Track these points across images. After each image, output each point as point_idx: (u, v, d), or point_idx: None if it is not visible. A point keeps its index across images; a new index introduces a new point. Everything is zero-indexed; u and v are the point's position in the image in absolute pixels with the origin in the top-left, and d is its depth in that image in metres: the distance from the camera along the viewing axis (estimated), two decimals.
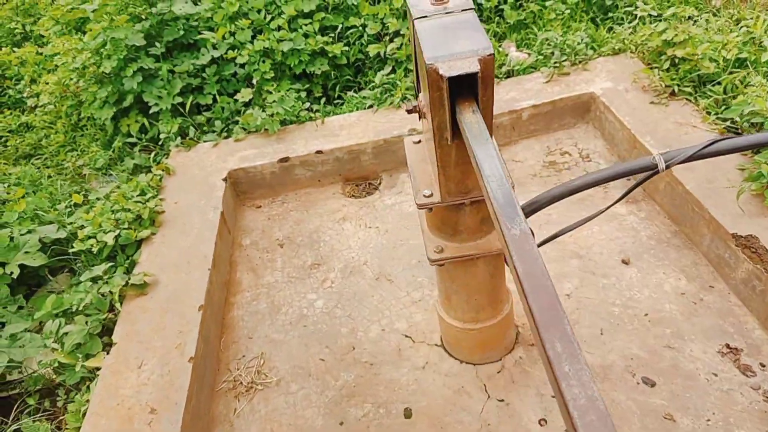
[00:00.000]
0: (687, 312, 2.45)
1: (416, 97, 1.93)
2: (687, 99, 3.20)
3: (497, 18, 4.27)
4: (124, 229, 2.96)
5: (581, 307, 2.55)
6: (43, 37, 6.35)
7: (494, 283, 2.18)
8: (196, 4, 4.18)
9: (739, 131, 2.91)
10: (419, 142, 2.08)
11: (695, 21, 3.60)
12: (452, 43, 1.35)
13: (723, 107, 3.04)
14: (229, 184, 3.43)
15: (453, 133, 1.46)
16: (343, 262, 3.04)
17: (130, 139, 3.99)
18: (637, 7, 4.10)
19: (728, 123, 2.95)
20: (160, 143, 3.87)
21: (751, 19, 3.64)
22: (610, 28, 4.09)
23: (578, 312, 2.53)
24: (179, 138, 3.77)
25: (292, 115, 3.68)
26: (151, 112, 3.86)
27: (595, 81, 3.57)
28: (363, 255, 3.06)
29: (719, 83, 3.14)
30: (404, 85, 3.73)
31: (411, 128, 3.49)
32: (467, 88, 1.36)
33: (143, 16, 4.05)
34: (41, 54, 5.89)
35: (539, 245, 2.18)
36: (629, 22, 4.08)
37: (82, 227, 3.12)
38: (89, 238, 2.97)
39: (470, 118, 1.31)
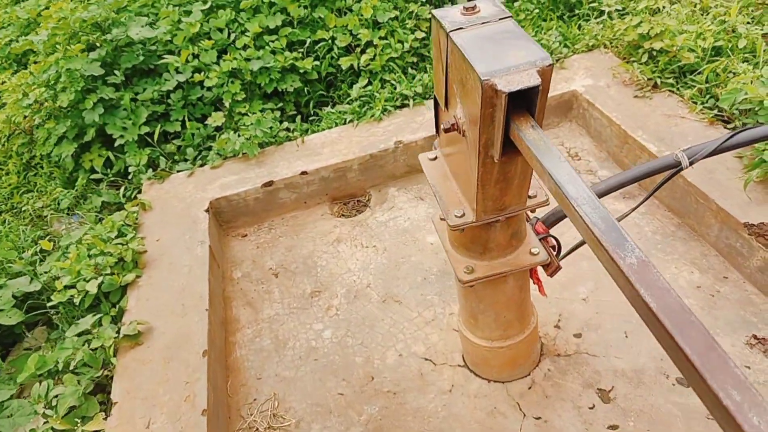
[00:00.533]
0: (707, 306, 2.43)
1: (435, 112, 1.82)
2: (670, 90, 3.22)
3: None
4: (107, 274, 2.73)
5: (601, 310, 2.50)
6: None
7: (522, 296, 2.10)
8: (153, 28, 3.96)
9: (727, 119, 2.93)
10: (435, 158, 1.97)
11: (665, 12, 3.63)
12: (503, 55, 1.25)
13: (708, 96, 3.07)
14: (212, 215, 3.24)
15: (503, 150, 1.36)
16: (345, 287, 2.90)
17: (94, 175, 3.73)
18: (602, 3, 4.14)
19: (716, 111, 2.98)
20: (128, 177, 3.63)
21: (715, 7, 3.71)
22: (579, 26, 4.10)
23: (599, 316, 2.48)
24: (150, 170, 3.54)
25: (270, 137, 3.52)
26: (116, 144, 3.62)
27: (574, 79, 3.55)
28: (365, 277, 2.93)
29: (700, 73, 3.17)
30: (383, 97, 3.63)
31: (397, 141, 3.39)
32: (519, 102, 1.27)
33: (97, 44, 3.81)
34: None
35: (563, 256, 2.10)
36: (595, 18, 4.11)
37: (57, 277, 2.88)
38: (68, 287, 2.73)
39: (532, 135, 1.21)
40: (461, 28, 1.37)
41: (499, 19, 1.39)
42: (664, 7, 3.61)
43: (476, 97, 1.28)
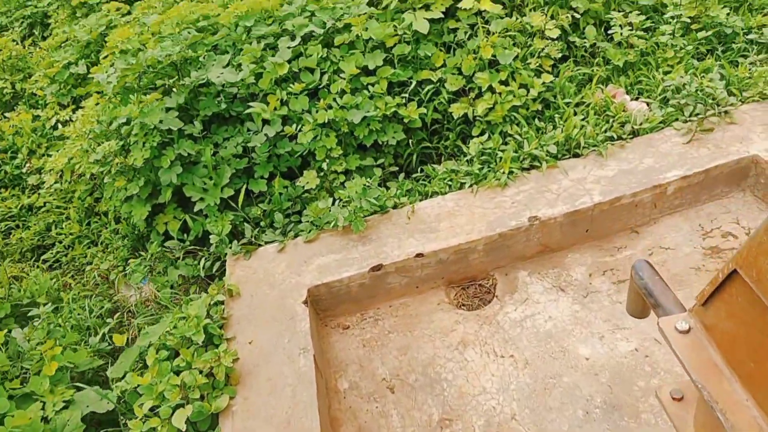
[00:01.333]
0: None
1: (721, 283, 1.22)
2: None
3: (596, 59, 3.56)
4: (195, 399, 2.22)
5: None
6: (35, 95, 5.60)
7: None
8: (233, 66, 3.44)
9: None
10: (689, 331, 1.36)
11: None
12: None
13: None
14: (311, 307, 2.71)
15: None
16: (483, 417, 2.32)
17: (169, 242, 3.24)
18: (762, 34, 3.43)
19: None
20: (208, 246, 3.13)
21: None
22: (735, 63, 3.40)
23: None
24: (234, 240, 3.03)
25: (377, 206, 2.96)
26: (195, 209, 3.12)
27: (751, 138, 2.88)
28: (507, 403, 2.34)
29: None
30: (508, 157, 3.02)
31: (531, 216, 2.79)
32: None
33: (173, 89, 3.31)
34: (39, 119, 5.14)
35: None
36: (756, 54, 3.40)
37: (135, 392, 2.38)
38: (150, 411, 2.23)
39: None
40: None
41: None
42: None
43: None
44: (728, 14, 3.46)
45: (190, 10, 3.85)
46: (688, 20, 3.42)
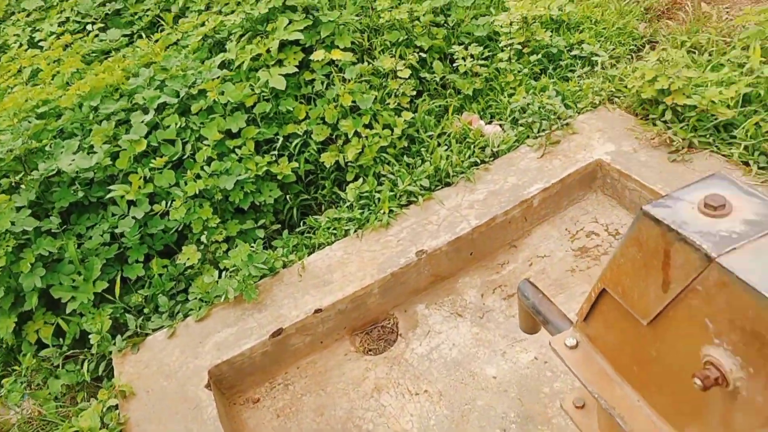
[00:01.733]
0: None
1: (595, 302, 1.33)
2: (710, 151, 2.91)
3: (448, 90, 3.79)
4: None
5: None
6: None
7: None
8: (84, 147, 3.25)
9: None
10: (577, 345, 1.47)
11: (668, 61, 3.36)
12: None
13: (758, 153, 2.78)
14: (215, 389, 2.58)
15: None
16: None
17: (44, 351, 2.94)
18: (583, 50, 3.84)
19: None
20: (90, 348, 2.88)
21: (717, 51, 3.50)
22: (566, 78, 3.78)
23: None
24: (117, 335, 2.82)
25: (265, 270, 2.90)
26: (68, 310, 2.87)
27: (592, 145, 3.20)
28: None
29: (736, 127, 2.89)
30: (386, 197, 3.10)
31: (418, 250, 2.88)
32: None
33: (21, 185, 3.05)
34: None
35: None
36: (581, 68, 3.80)
37: None
38: None
39: None
40: (733, 249, 0.89)
41: None
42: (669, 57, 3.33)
43: None
44: (551, 36, 3.84)
45: (26, 97, 3.59)
46: (520, 46, 3.76)
